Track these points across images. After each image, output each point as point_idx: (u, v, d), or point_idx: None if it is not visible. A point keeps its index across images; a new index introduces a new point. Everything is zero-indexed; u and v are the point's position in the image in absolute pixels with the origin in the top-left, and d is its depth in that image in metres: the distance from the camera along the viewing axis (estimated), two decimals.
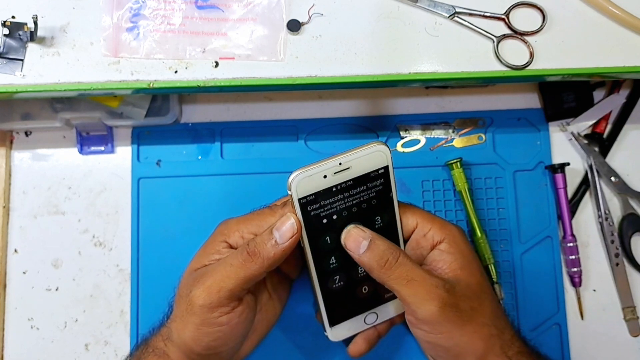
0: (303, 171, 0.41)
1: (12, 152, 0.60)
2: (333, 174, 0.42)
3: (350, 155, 0.42)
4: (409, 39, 0.48)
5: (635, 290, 0.58)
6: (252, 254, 0.42)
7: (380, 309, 0.48)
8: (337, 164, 0.41)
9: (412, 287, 0.41)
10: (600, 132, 0.60)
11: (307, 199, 0.42)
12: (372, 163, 0.43)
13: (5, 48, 0.47)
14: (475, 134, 0.60)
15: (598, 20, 0.49)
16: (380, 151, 0.42)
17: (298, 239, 0.42)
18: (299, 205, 0.42)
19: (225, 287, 0.42)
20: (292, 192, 0.41)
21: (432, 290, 0.41)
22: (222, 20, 0.49)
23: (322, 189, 0.42)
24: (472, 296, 0.43)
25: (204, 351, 0.44)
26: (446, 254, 0.44)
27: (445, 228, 0.46)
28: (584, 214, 0.60)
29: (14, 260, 0.59)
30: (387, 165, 0.43)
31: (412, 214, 0.46)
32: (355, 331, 0.48)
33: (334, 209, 0.43)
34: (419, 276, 0.41)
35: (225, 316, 0.43)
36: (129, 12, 0.49)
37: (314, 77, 0.48)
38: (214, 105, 0.61)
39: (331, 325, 0.47)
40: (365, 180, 0.43)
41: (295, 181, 0.41)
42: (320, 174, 0.41)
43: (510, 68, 0.48)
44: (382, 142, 0.43)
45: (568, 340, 0.57)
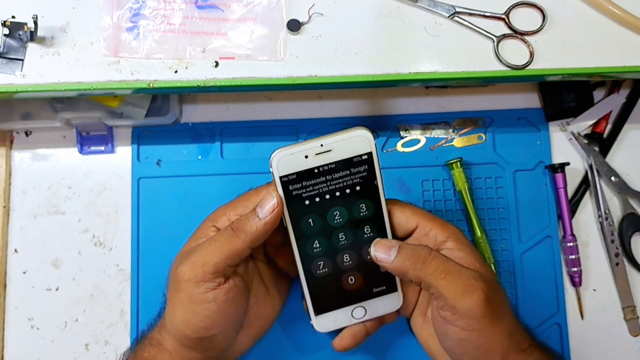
0: (285, 149, 0.42)
1: (12, 152, 0.60)
2: (314, 155, 0.42)
3: (332, 138, 0.43)
4: (409, 39, 0.49)
5: (635, 290, 0.58)
6: (235, 230, 0.43)
7: (368, 303, 0.47)
8: (319, 145, 0.42)
9: (450, 279, 0.41)
10: (600, 132, 0.60)
11: (288, 177, 0.43)
12: (355, 148, 0.43)
13: (5, 48, 0.47)
14: (475, 133, 0.60)
15: (598, 20, 0.49)
16: (362, 136, 0.43)
17: (280, 213, 0.42)
18: (281, 184, 0.43)
19: (209, 261, 0.42)
20: (273, 170, 0.42)
21: (472, 282, 0.41)
22: (222, 20, 0.49)
23: (304, 169, 0.43)
24: (497, 290, 0.43)
25: (195, 334, 0.44)
26: (456, 251, 0.44)
27: (447, 227, 0.46)
28: (584, 213, 0.60)
29: (14, 260, 0.59)
30: (370, 152, 0.43)
31: (412, 213, 0.46)
32: (342, 324, 0.48)
33: (317, 191, 0.43)
34: (455, 269, 0.41)
35: (212, 292, 0.43)
36: (129, 12, 0.49)
37: (314, 76, 0.48)
38: (214, 105, 0.61)
39: (316, 314, 0.47)
40: (347, 164, 0.43)
41: (276, 158, 0.42)
42: (302, 154, 0.42)
43: (510, 68, 0.48)
44: (365, 127, 0.43)
45: (568, 340, 0.57)
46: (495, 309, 0.41)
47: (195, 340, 0.44)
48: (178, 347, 0.45)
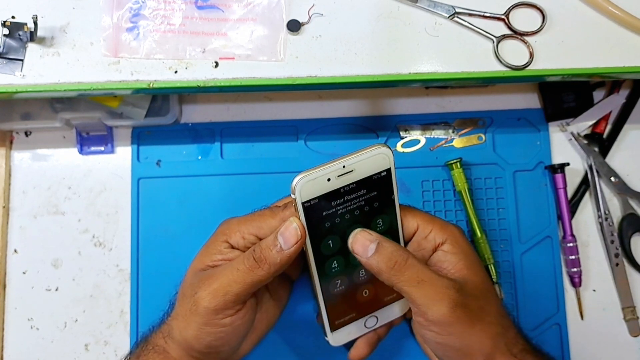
0: (307, 174, 0.41)
1: (12, 152, 0.60)
2: (337, 177, 0.41)
3: (353, 158, 0.42)
4: (409, 39, 0.48)
5: (635, 291, 0.58)
6: (258, 260, 0.42)
7: (380, 312, 0.48)
8: (341, 166, 0.41)
9: (422, 288, 0.41)
10: (600, 132, 0.60)
11: (310, 202, 0.41)
12: (375, 165, 0.43)
13: (5, 48, 0.47)
14: (475, 134, 0.60)
15: (598, 20, 0.49)
16: (383, 154, 0.42)
17: (302, 244, 0.42)
18: (303, 209, 0.41)
19: (231, 292, 0.42)
20: (296, 196, 0.41)
21: (442, 290, 0.41)
22: (222, 20, 0.49)
23: (326, 192, 0.42)
24: (480, 295, 0.43)
25: (205, 349, 0.44)
26: (450, 254, 0.45)
27: (447, 229, 0.46)
28: (583, 214, 0.60)
29: (13, 260, 0.59)
30: (389, 168, 0.43)
31: (412, 216, 0.46)
32: (356, 335, 0.48)
33: (337, 212, 0.43)
34: (428, 277, 0.42)
35: (229, 318, 0.43)
36: (129, 12, 0.49)
37: (314, 77, 0.48)
38: (214, 105, 0.61)
39: (332, 330, 0.47)
40: (368, 182, 0.43)
41: (300, 185, 0.40)
42: (324, 177, 0.41)
43: (510, 68, 0.48)
44: (385, 144, 0.43)
45: (568, 340, 0.57)
46: (471, 314, 0.42)
47: (203, 354, 0.45)
48: (184, 357, 0.45)
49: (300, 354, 0.56)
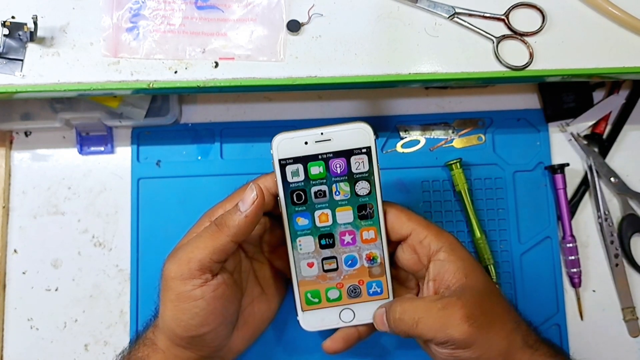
0: (286, 133, 0.44)
1: (11, 152, 0.60)
2: (314, 142, 0.44)
3: (333, 128, 0.44)
4: (409, 40, 0.49)
5: (634, 291, 0.58)
6: (219, 225, 0.43)
7: (357, 306, 0.47)
8: (319, 133, 0.44)
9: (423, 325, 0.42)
10: (600, 133, 0.60)
11: (286, 161, 0.44)
12: (355, 140, 0.44)
13: (5, 48, 0.47)
14: (475, 134, 0.60)
15: (597, 20, 0.49)
16: (362, 129, 0.44)
17: (260, 205, 0.43)
18: (279, 166, 0.44)
19: (194, 258, 0.43)
20: (273, 152, 0.44)
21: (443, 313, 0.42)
22: (222, 21, 0.49)
23: (301, 155, 0.44)
24: (485, 301, 0.43)
25: (185, 332, 0.44)
26: (447, 263, 0.44)
27: (442, 236, 0.45)
28: (583, 214, 0.60)
29: (13, 260, 0.59)
30: (369, 146, 0.44)
31: (408, 219, 0.46)
32: (330, 326, 0.48)
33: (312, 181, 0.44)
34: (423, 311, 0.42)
35: (199, 289, 0.43)
36: (128, 12, 0.49)
37: (313, 77, 0.48)
38: (214, 106, 0.61)
39: (303, 310, 0.47)
40: (344, 156, 0.44)
41: (277, 141, 0.43)
42: (302, 139, 0.44)
43: (510, 68, 0.48)
44: (367, 122, 0.44)
45: (568, 341, 0.57)
46: (480, 324, 0.41)
47: (187, 339, 0.44)
48: (171, 347, 0.45)
49: (299, 353, 0.56)
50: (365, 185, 0.45)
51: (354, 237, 0.46)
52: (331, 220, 0.46)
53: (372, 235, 0.46)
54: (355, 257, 0.46)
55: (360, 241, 0.46)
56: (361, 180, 0.45)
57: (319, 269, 0.46)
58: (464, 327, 0.41)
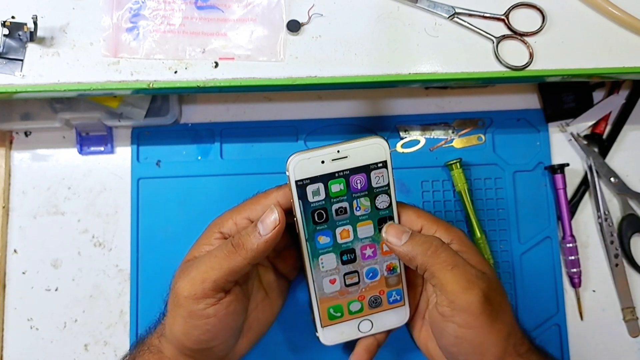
0: (302, 153, 0.42)
1: (11, 152, 0.60)
2: (331, 161, 0.43)
3: (349, 144, 0.43)
4: (409, 40, 0.49)
5: (634, 291, 0.58)
6: (236, 246, 0.42)
7: (375, 317, 0.47)
8: (336, 151, 0.43)
9: (455, 273, 0.41)
10: (600, 133, 0.60)
11: (303, 182, 0.43)
12: (371, 155, 0.43)
13: (5, 48, 0.47)
14: (475, 134, 0.60)
15: (597, 20, 0.49)
16: (378, 144, 0.43)
17: (281, 230, 0.42)
18: (296, 188, 0.43)
19: (208, 278, 0.42)
20: (289, 174, 0.43)
21: (474, 280, 0.41)
22: (221, 21, 0.49)
23: (319, 174, 0.43)
24: (499, 291, 0.43)
25: (196, 345, 0.44)
26: (461, 253, 0.44)
27: (451, 229, 0.46)
28: (583, 214, 0.60)
29: (13, 260, 0.59)
30: (385, 160, 0.44)
31: (417, 216, 0.46)
32: (349, 338, 0.48)
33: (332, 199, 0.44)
34: (462, 263, 0.42)
35: (212, 308, 0.42)
36: (128, 12, 0.49)
37: (313, 77, 0.48)
38: (214, 106, 0.61)
39: (323, 325, 0.47)
40: (363, 171, 0.43)
41: (293, 162, 0.42)
42: (318, 159, 0.43)
43: (509, 69, 0.48)
44: (382, 137, 0.44)
45: (567, 341, 0.57)
46: (493, 309, 0.41)
47: (195, 351, 0.44)
48: (178, 356, 0.45)
49: (299, 354, 0.56)
50: (385, 198, 0.45)
51: (374, 250, 0.46)
52: (352, 236, 0.45)
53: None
54: (376, 269, 0.46)
55: (380, 253, 0.46)
56: (381, 194, 0.44)
57: (341, 284, 0.46)
58: (473, 298, 0.41)
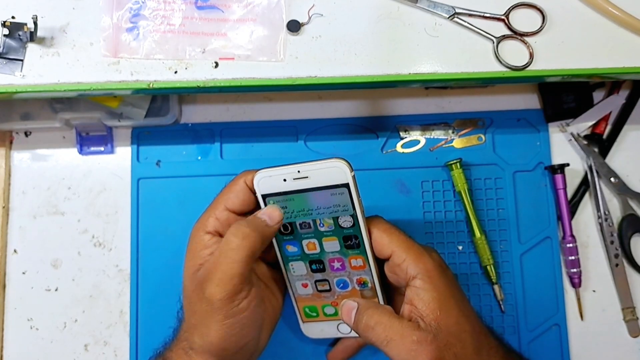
0: (266, 171, 0.45)
1: (11, 152, 0.60)
2: (292, 180, 0.44)
3: (309, 165, 0.44)
4: (409, 40, 0.49)
5: (635, 291, 0.58)
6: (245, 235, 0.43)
7: None
8: (296, 171, 0.44)
9: (392, 347, 0.42)
10: (600, 133, 0.60)
11: (269, 196, 0.45)
12: (331, 177, 0.44)
13: (5, 48, 0.47)
14: (475, 134, 0.60)
15: (598, 20, 0.49)
16: (337, 167, 0.43)
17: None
18: (262, 201, 0.46)
19: (236, 273, 0.42)
20: (255, 188, 0.45)
21: (414, 347, 0.41)
22: (221, 21, 0.49)
23: (281, 191, 0.45)
24: (454, 342, 0.42)
25: (235, 347, 0.44)
26: (422, 290, 0.43)
27: (420, 261, 0.44)
28: (583, 214, 0.60)
29: (13, 260, 0.59)
30: (347, 183, 0.44)
31: (389, 240, 0.45)
32: (329, 335, 0.50)
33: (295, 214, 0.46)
34: (397, 335, 0.42)
35: (245, 301, 0.43)
36: (128, 12, 0.49)
37: (313, 77, 0.48)
38: (214, 106, 0.61)
39: (303, 321, 0.50)
40: (323, 192, 0.44)
41: (257, 178, 0.45)
42: (281, 177, 0.44)
43: (509, 69, 0.48)
44: (344, 160, 0.44)
45: (568, 341, 0.57)
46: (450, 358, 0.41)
47: (233, 353, 0.44)
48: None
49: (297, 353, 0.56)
50: (347, 218, 0.45)
51: (342, 264, 0.47)
52: (319, 249, 0.47)
53: (360, 263, 0.47)
54: (347, 281, 0.48)
55: (349, 267, 0.47)
56: (343, 215, 0.45)
57: (313, 289, 0.48)
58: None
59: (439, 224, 0.58)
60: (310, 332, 0.51)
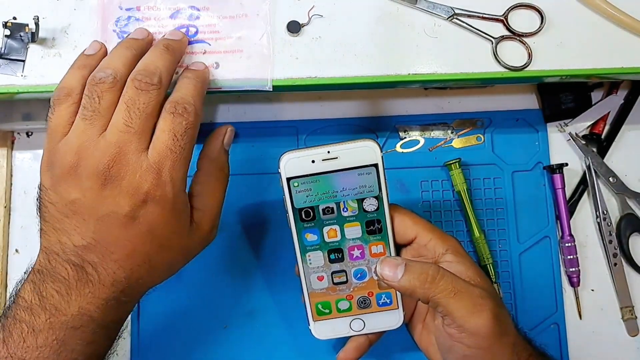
0: (293, 152, 0.44)
1: (13, 152, 0.61)
2: (321, 161, 0.44)
3: (339, 146, 0.44)
4: (408, 41, 0.49)
5: (633, 290, 0.58)
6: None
7: (367, 317, 0.48)
8: (326, 151, 0.44)
9: (459, 299, 0.41)
10: (599, 133, 0.61)
11: (294, 179, 0.44)
12: (361, 158, 0.44)
13: (6, 49, 0.48)
14: (474, 134, 0.60)
15: (596, 21, 0.49)
16: (368, 147, 0.44)
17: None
18: (287, 184, 0.44)
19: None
20: (280, 171, 0.44)
21: (480, 301, 0.41)
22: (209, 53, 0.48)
23: (309, 173, 0.44)
24: (502, 305, 0.43)
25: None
26: (455, 264, 0.44)
27: (446, 239, 0.46)
28: (582, 214, 0.60)
29: (15, 260, 0.59)
30: (376, 163, 0.44)
31: (413, 222, 0.46)
32: (340, 334, 0.48)
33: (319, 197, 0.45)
34: (464, 287, 0.41)
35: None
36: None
37: (313, 78, 0.48)
38: (214, 106, 0.61)
39: (313, 320, 0.48)
40: (351, 173, 0.44)
41: (284, 160, 0.44)
42: (309, 158, 0.44)
43: (508, 69, 0.48)
44: (374, 139, 0.44)
45: (566, 340, 0.57)
46: (502, 326, 0.41)
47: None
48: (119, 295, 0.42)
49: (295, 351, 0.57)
50: (373, 202, 0.45)
51: (362, 252, 0.46)
52: (340, 236, 0.46)
53: (380, 250, 0.46)
54: (365, 271, 0.47)
55: (369, 255, 0.46)
56: (369, 197, 0.45)
57: (329, 282, 0.47)
58: (483, 321, 0.40)
59: (438, 223, 0.59)
60: (320, 332, 0.48)
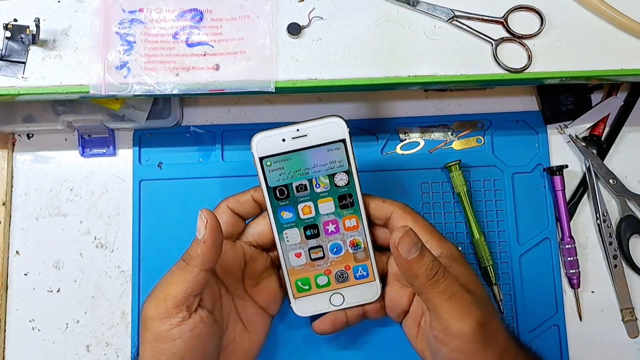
0: (264, 132, 0.46)
1: (14, 154, 0.61)
2: (291, 139, 0.46)
3: (308, 124, 0.46)
4: (408, 43, 0.49)
5: (633, 292, 0.58)
6: (185, 259, 0.43)
7: (346, 290, 0.50)
8: (295, 130, 0.46)
9: (452, 302, 0.41)
10: (598, 135, 0.61)
11: (267, 159, 0.46)
12: (330, 134, 0.46)
13: (7, 51, 0.48)
14: (474, 136, 0.60)
15: (596, 23, 0.49)
16: (336, 123, 0.47)
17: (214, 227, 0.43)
18: (259, 164, 0.46)
19: (169, 295, 0.42)
20: (253, 151, 0.46)
21: (469, 307, 0.41)
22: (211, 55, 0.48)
23: (280, 152, 0.46)
24: (492, 314, 0.43)
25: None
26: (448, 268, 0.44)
27: (443, 243, 0.46)
28: (582, 215, 0.60)
29: (15, 261, 0.59)
30: (344, 139, 0.47)
31: (413, 222, 0.47)
32: (322, 310, 0.50)
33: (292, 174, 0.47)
34: (459, 292, 0.42)
35: (177, 329, 0.42)
36: (119, 52, 0.48)
37: (314, 80, 0.48)
38: (215, 108, 0.61)
39: (295, 297, 0.49)
40: (321, 149, 0.46)
41: (256, 140, 0.46)
42: (279, 137, 0.46)
43: (508, 71, 0.48)
44: (340, 116, 0.47)
45: (567, 342, 0.57)
46: (487, 334, 0.41)
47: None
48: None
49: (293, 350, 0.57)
50: (343, 177, 0.47)
51: (337, 226, 0.49)
52: (314, 212, 0.48)
53: (354, 223, 0.48)
54: (340, 245, 0.49)
55: (343, 229, 0.49)
56: (339, 172, 0.47)
57: (307, 258, 0.49)
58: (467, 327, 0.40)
59: (438, 225, 0.59)
60: (301, 309, 0.50)
